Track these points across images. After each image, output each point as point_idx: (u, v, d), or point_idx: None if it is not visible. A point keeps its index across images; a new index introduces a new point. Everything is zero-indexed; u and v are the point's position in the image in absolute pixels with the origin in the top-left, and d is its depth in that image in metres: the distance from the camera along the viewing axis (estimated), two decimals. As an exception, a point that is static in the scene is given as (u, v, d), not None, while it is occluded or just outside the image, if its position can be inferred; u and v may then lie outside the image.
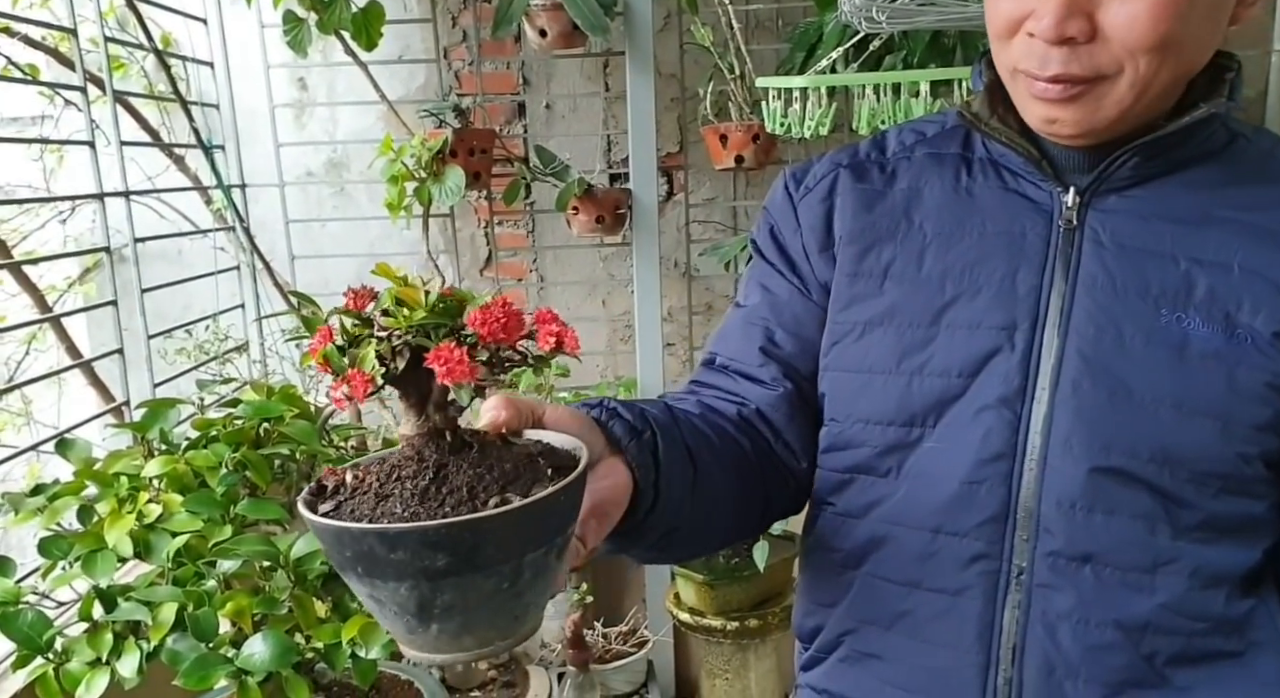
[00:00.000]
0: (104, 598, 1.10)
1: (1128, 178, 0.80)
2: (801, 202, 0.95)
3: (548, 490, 0.58)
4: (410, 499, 0.59)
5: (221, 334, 2.12)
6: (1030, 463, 0.79)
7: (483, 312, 0.58)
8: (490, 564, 0.57)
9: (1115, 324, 0.77)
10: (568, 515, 0.62)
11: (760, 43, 2.39)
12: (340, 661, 1.11)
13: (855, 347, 0.88)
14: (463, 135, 2.15)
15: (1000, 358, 0.80)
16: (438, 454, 0.62)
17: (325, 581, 1.18)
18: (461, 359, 0.56)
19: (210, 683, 1.05)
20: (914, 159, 0.91)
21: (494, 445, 0.64)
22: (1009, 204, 0.84)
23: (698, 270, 2.55)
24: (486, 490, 0.59)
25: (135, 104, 2.33)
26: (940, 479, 0.82)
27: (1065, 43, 0.73)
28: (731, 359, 0.96)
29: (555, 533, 0.60)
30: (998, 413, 0.80)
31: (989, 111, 0.84)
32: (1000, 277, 0.82)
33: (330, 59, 2.43)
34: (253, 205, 2.49)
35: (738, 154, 2.18)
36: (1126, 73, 0.74)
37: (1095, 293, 0.79)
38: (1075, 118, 0.76)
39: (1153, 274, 0.77)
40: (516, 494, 0.59)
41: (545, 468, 0.63)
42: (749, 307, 0.97)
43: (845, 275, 0.89)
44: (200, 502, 1.19)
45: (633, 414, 0.78)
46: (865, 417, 0.87)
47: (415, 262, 2.53)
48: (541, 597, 0.63)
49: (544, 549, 0.59)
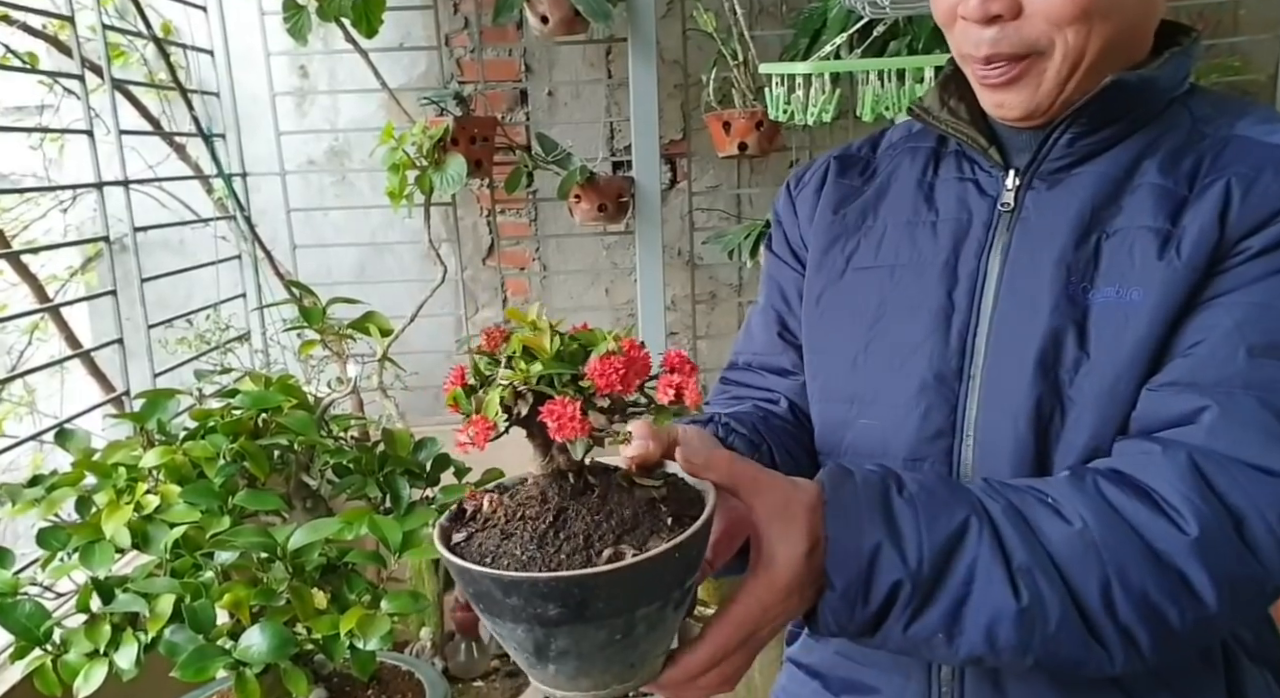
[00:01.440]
0: (101, 589, 1.10)
1: (1067, 156, 0.81)
2: (799, 195, 0.99)
3: (660, 548, 0.58)
4: (529, 542, 0.60)
5: (223, 324, 2.12)
6: (968, 440, 0.81)
7: (603, 362, 0.59)
8: (601, 617, 0.57)
9: (1030, 295, 0.79)
10: (685, 570, 0.61)
11: (764, 28, 2.37)
12: (339, 652, 1.10)
13: (816, 331, 0.92)
14: (464, 123, 2.14)
15: (938, 339, 0.83)
16: (559, 497, 0.62)
17: (324, 572, 1.17)
18: (573, 416, 0.57)
19: (208, 675, 1.04)
20: (896, 154, 0.94)
21: (619, 488, 0.64)
22: (960, 192, 0.87)
23: (701, 259, 2.54)
24: (602, 540, 0.60)
25: (136, 93, 2.32)
26: (885, 457, 0.84)
27: (993, 22, 0.76)
28: (755, 355, 1.01)
29: (671, 588, 0.60)
30: (937, 391, 0.82)
31: (939, 103, 0.88)
32: (943, 262, 0.84)
33: (331, 46, 2.42)
34: (254, 194, 2.48)
35: (741, 141, 2.17)
36: (1058, 46, 0.76)
37: (1018, 268, 0.81)
38: (1019, 100, 0.79)
39: (1067, 245, 0.79)
40: (632, 546, 0.59)
41: (666, 516, 0.63)
42: (763, 302, 1.02)
43: (812, 268, 0.94)
44: (198, 493, 1.18)
45: (746, 427, 0.86)
46: (823, 397, 0.91)
47: (416, 250, 2.53)
48: (658, 646, 0.63)
49: (659, 604, 0.59)
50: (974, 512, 0.67)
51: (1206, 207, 0.74)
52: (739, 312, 2.63)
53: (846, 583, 0.66)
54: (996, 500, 0.68)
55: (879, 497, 0.68)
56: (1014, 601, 0.64)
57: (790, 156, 2.42)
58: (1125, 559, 0.65)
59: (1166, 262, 0.74)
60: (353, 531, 1.15)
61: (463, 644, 2.26)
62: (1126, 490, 0.68)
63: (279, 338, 2.38)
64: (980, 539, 0.66)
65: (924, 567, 0.65)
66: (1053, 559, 0.66)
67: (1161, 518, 0.66)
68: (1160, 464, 0.68)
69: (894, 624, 0.66)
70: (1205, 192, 0.75)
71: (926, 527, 0.66)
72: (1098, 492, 0.68)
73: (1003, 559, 0.65)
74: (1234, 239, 0.73)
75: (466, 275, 2.55)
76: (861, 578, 0.66)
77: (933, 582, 0.66)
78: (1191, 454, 0.68)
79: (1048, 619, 0.64)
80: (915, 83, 1.72)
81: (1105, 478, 0.69)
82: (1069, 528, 0.66)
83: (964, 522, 0.67)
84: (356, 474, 1.31)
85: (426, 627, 2.27)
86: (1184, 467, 0.67)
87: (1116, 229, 0.78)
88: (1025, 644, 0.65)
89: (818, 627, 0.68)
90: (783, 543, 0.66)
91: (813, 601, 0.68)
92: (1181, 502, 0.66)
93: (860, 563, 0.66)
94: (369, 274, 2.59)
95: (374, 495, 1.28)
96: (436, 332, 2.52)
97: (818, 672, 0.93)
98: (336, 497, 1.34)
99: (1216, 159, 0.76)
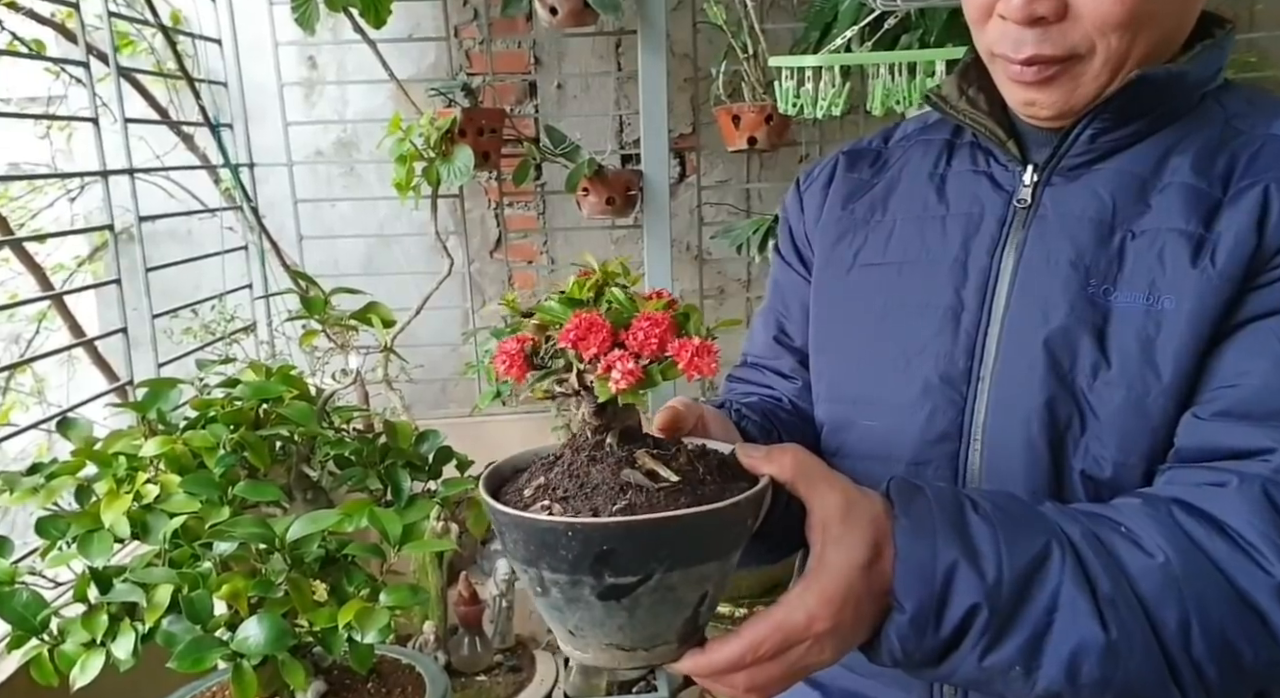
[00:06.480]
0: (99, 579, 1.09)
1: (1089, 152, 0.78)
2: (807, 191, 0.97)
3: (710, 507, 0.58)
4: (574, 492, 0.60)
5: (228, 314, 2.11)
6: (975, 445, 0.78)
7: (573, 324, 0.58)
8: (619, 571, 0.57)
9: (1044, 295, 0.76)
10: (720, 538, 0.60)
11: (776, 21, 2.35)
12: (337, 645, 1.09)
13: (822, 330, 0.90)
14: (472, 114, 2.13)
15: (946, 339, 0.80)
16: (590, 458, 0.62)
17: (324, 564, 1.16)
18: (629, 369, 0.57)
19: (204, 666, 1.03)
20: (909, 147, 0.91)
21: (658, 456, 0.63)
22: (974, 186, 0.84)
23: (709, 253, 2.52)
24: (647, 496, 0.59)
25: (145, 82, 2.32)
26: (889, 460, 0.81)
27: (1036, 23, 0.72)
28: (758, 356, 1.00)
29: (701, 552, 0.58)
30: (942, 393, 0.79)
31: (957, 93, 0.85)
32: (953, 259, 0.81)
33: (340, 37, 2.40)
34: (262, 185, 2.48)
35: (750, 135, 2.15)
36: (1099, 51, 0.73)
37: (1032, 267, 0.78)
38: (1052, 100, 0.76)
39: (1087, 244, 0.76)
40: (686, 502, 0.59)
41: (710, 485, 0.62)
42: (766, 304, 1.01)
43: (819, 264, 0.92)
44: (198, 483, 1.17)
45: (758, 415, 0.85)
46: (828, 397, 0.88)
47: (424, 242, 2.52)
48: (674, 619, 0.61)
49: (679, 570, 0.58)
50: (1054, 536, 0.63)
51: (1243, 213, 0.71)
52: (748, 307, 2.62)
53: (919, 604, 0.60)
54: (1074, 526, 0.64)
55: (954, 513, 0.63)
56: (1102, 633, 0.60)
57: (800, 151, 2.40)
58: (1206, 596, 0.62)
59: (1201, 270, 0.71)
60: (352, 523, 1.14)
61: (466, 638, 2.25)
62: (1203, 524, 0.64)
63: (284, 329, 2.38)
64: (1064, 565, 0.62)
65: (1004, 591, 0.60)
66: (1135, 592, 0.62)
67: (1242, 556, 0.63)
68: (1234, 499, 0.64)
69: (967, 654, 0.61)
70: (1241, 196, 0.72)
71: (1007, 548, 0.61)
72: (1174, 523, 0.65)
73: (1088, 588, 0.61)
74: (1272, 250, 0.70)
75: (474, 268, 2.54)
76: (935, 600, 0.61)
77: (1013, 608, 0.61)
78: (1266, 489, 0.64)
79: (1133, 654, 0.61)
80: (926, 76, 1.70)
81: (1178, 507, 0.65)
82: (1150, 561, 0.63)
83: (1045, 545, 0.62)
84: (358, 466, 1.30)
85: (430, 620, 2.26)
86: (1259, 502, 0.64)
87: (1144, 229, 0.74)
88: (1108, 680, 0.61)
89: (879, 655, 0.64)
90: (840, 550, 0.61)
91: (871, 625, 0.63)
92: (1260, 539, 0.62)
93: (934, 583, 0.60)
94: (376, 266, 2.58)
95: (375, 488, 1.27)
96: (443, 325, 2.51)
97: (818, 682, 0.91)
98: (338, 489, 1.33)
99: (1253, 161, 0.73)
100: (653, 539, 0.55)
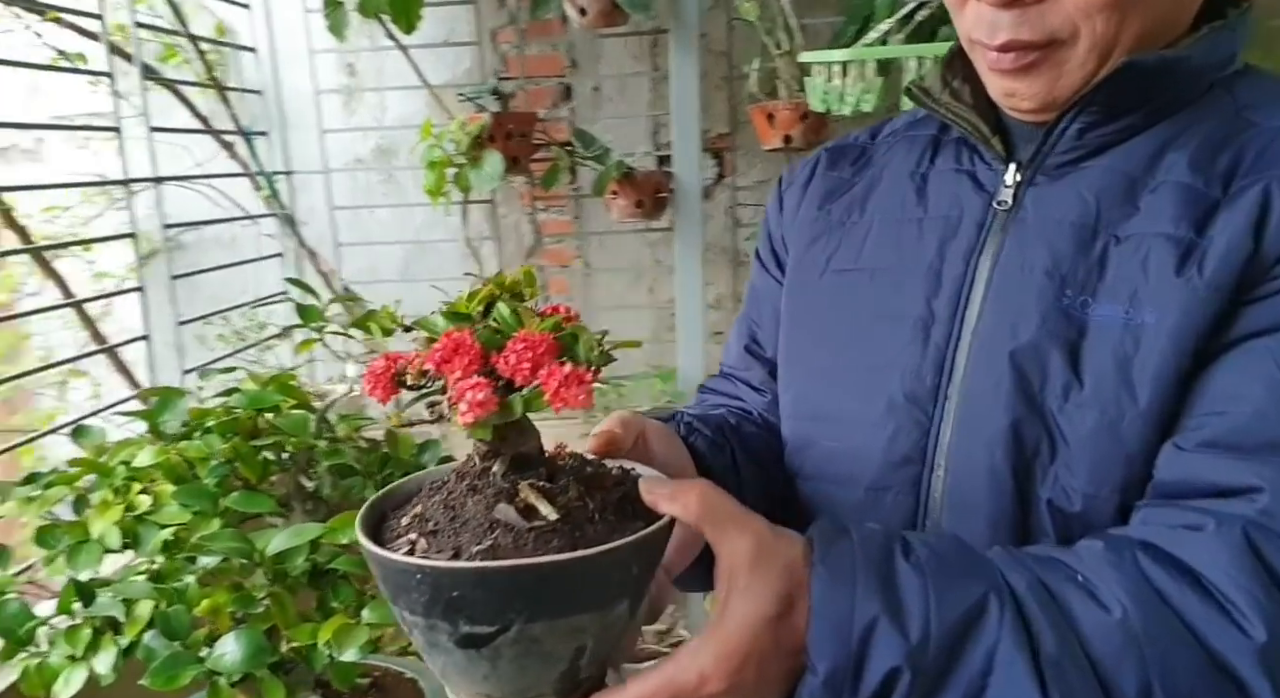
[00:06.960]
0: (83, 592, 1.08)
1: (1077, 148, 0.70)
2: (786, 191, 0.90)
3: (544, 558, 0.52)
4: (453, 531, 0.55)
5: (260, 322, 2.12)
6: (938, 470, 0.70)
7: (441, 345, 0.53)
8: (480, 618, 0.52)
9: (1016, 305, 0.68)
10: (582, 589, 0.53)
11: (815, 16, 2.27)
12: (318, 661, 1.07)
13: (789, 341, 0.83)
14: (501, 119, 2.10)
15: (914, 353, 0.72)
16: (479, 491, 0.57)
17: (310, 579, 1.14)
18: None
19: (179, 683, 1.01)
20: (894, 143, 0.84)
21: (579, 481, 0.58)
22: (955, 186, 0.76)
23: (746, 256, 2.46)
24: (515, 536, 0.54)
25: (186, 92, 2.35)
26: (849, 484, 0.74)
27: (1012, 5, 0.65)
28: (731, 367, 0.95)
29: (565, 603, 0.53)
30: (907, 412, 0.72)
31: (940, 85, 0.77)
32: (927, 266, 0.74)
33: (377, 43, 2.40)
34: (301, 192, 2.49)
35: (785, 134, 2.08)
36: (1084, 35, 0.65)
37: (1007, 276, 0.70)
38: (1034, 90, 0.68)
39: (1065, 251, 0.67)
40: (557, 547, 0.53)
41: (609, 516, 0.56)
42: (743, 310, 0.95)
43: (791, 269, 0.85)
44: (190, 494, 1.16)
45: (710, 429, 0.79)
46: (792, 413, 0.82)
47: (460, 248, 2.50)
48: (543, 672, 0.55)
49: (543, 621, 0.52)
50: (993, 587, 0.55)
51: (1239, 215, 0.62)
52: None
53: (833, 666, 0.54)
54: (1021, 575, 0.56)
55: (881, 560, 0.56)
56: None
57: (841, 150, 2.32)
58: (1173, 659, 0.53)
59: (1185, 279, 0.62)
60: (344, 535, 1.11)
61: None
62: (1173, 574, 0.56)
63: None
64: (1002, 621, 0.54)
65: (930, 651, 0.53)
66: (1086, 652, 0.54)
67: (1217, 612, 0.54)
68: (1211, 545, 0.56)
69: None
70: (1240, 196, 0.63)
71: (936, 601, 0.54)
72: (1139, 572, 0.56)
73: (1029, 648, 0.53)
74: (1271, 258, 0.61)
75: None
76: (851, 660, 0.54)
77: (940, 670, 0.54)
78: (1248, 535, 0.55)
79: None
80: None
81: (1146, 554, 0.57)
82: (1107, 616, 0.54)
83: (982, 597, 0.55)
84: (358, 476, 1.27)
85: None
86: (1239, 550, 0.55)
87: (1129, 234, 0.66)
88: None
89: None
90: (745, 601, 0.54)
91: (781, 686, 0.56)
92: (1239, 594, 0.54)
93: (850, 642, 0.53)
94: (413, 272, 2.58)
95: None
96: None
97: None
98: (340, 499, 1.31)
99: (1260, 157, 0.64)
100: (508, 587, 0.50)
